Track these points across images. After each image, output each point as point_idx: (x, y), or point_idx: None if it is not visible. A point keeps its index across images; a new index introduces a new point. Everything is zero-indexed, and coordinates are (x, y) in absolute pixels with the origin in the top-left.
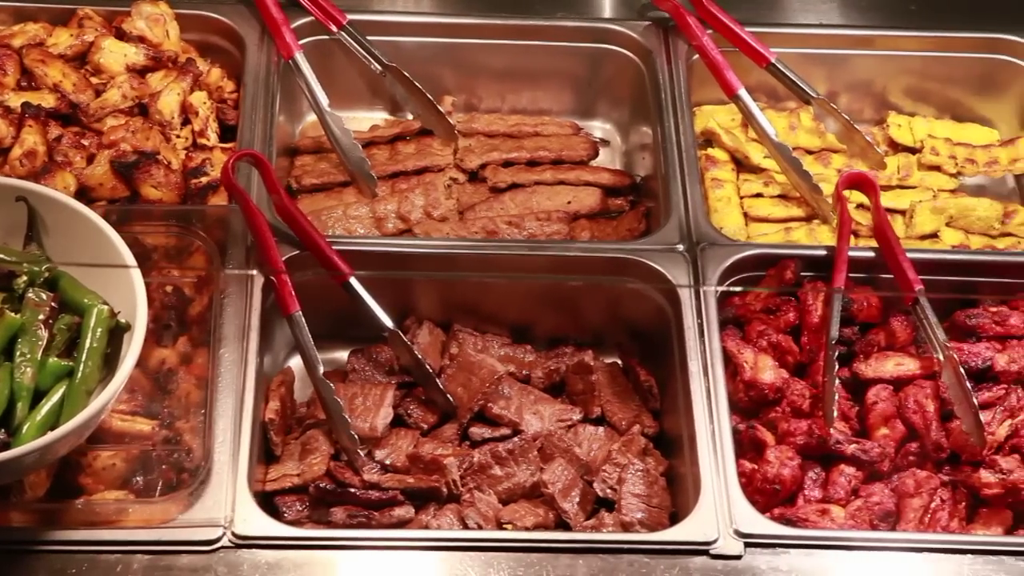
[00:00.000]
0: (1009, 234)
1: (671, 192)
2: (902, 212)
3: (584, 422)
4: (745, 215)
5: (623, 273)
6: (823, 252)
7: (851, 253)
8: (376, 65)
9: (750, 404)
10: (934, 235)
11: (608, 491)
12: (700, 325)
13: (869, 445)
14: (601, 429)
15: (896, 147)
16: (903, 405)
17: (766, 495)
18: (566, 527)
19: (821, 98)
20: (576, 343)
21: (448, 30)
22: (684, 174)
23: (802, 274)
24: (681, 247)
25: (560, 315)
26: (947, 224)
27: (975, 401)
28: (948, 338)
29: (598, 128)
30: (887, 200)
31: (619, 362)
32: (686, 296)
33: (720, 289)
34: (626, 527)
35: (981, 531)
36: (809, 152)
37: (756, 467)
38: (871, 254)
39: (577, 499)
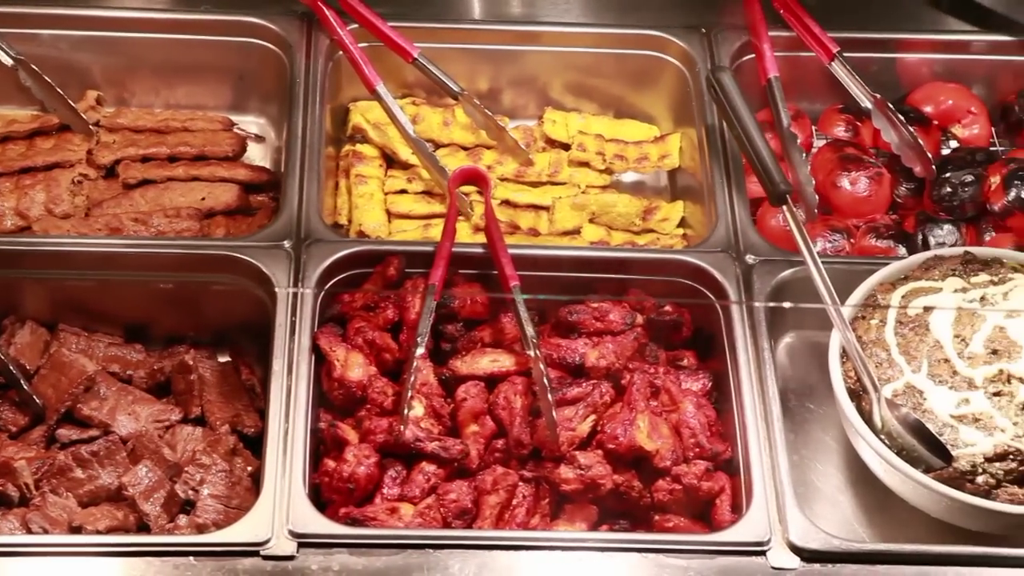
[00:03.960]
0: (651, 230)
1: (287, 188)
2: (547, 208)
3: (184, 422)
4: (388, 211)
5: (230, 270)
6: (431, 248)
7: (460, 250)
8: (6, 58)
9: (344, 402)
10: (576, 231)
11: (190, 492)
12: (294, 323)
13: (451, 442)
14: (200, 429)
15: (553, 143)
16: (494, 402)
17: (343, 494)
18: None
19: (466, 94)
20: (194, 342)
21: (91, 23)
22: (304, 170)
23: (407, 271)
24: (287, 244)
25: (177, 313)
26: (591, 220)
27: (550, 398)
28: (546, 334)
29: (253, 123)
30: (534, 197)
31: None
32: (283, 293)
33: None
34: (200, 529)
35: (564, 527)
36: (464, 148)
37: (337, 465)
38: (480, 250)
39: (161, 501)
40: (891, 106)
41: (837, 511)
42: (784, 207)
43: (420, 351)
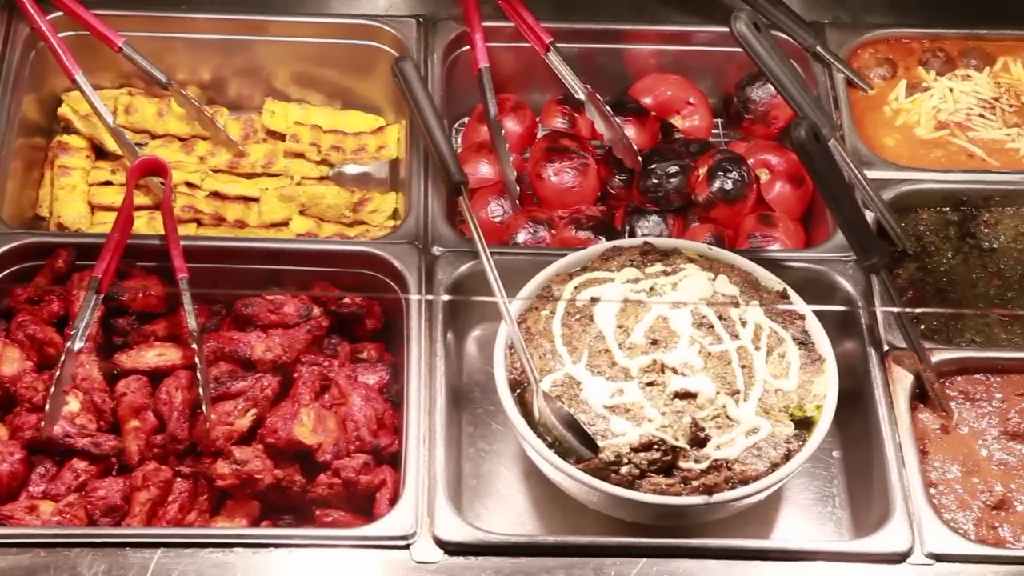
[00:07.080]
0: (362, 222)
1: None
2: (257, 199)
3: None
4: (91, 203)
5: None
6: (101, 241)
7: (141, 242)
8: None
9: (2, 398)
10: (285, 223)
11: None
12: None
13: (103, 439)
14: None
15: (274, 134)
16: (157, 396)
17: None
18: None
19: (174, 85)
20: None
21: None
22: None
23: (88, 263)
24: None
25: None
26: (301, 212)
27: (201, 392)
28: (225, 327)
29: None
30: (243, 188)
31: None
32: None
33: None
34: None
35: (223, 523)
36: (180, 139)
37: None
38: (157, 242)
39: None
40: (600, 97)
41: (507, 504)
42: (460, 198)
43: (78, 345)
